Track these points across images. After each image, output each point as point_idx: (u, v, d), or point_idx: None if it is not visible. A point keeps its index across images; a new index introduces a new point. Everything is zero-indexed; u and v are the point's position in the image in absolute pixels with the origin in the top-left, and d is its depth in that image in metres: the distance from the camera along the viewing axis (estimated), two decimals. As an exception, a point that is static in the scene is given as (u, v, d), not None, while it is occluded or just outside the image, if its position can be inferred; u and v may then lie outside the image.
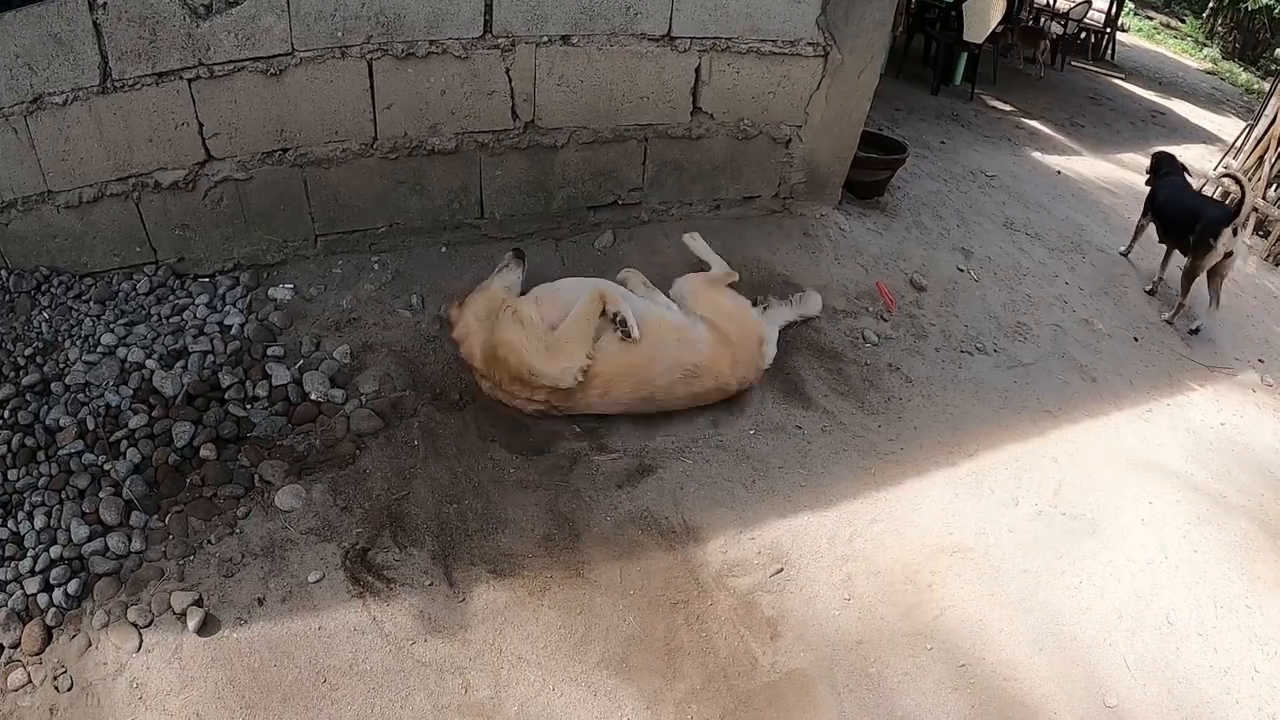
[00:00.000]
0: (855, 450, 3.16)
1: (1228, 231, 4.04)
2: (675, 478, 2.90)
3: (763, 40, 3.71)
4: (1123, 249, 5.06)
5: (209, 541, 2.48)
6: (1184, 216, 4.25)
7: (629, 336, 2.88)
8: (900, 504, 2.97)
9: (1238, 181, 4.13)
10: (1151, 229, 4.74)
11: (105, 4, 2.75)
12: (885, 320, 3.88)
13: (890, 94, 6.75)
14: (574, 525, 2.69)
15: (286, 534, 2.53)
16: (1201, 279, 4.27)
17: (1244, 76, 12.62)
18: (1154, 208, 4.59)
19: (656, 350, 2.94)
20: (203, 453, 2.69)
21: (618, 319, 2.89)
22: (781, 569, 2.65)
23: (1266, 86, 8.27)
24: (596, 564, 2.58)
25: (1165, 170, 4.60)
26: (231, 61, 2.99)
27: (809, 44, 3.80)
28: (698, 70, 3.68)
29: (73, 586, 2.31)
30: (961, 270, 4.43)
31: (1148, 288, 4.71)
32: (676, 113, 3.77)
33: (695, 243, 3.62)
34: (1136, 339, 4.35)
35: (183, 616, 2.27)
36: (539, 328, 2.87)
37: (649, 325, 2.95)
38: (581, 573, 2.55)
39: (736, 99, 3.84)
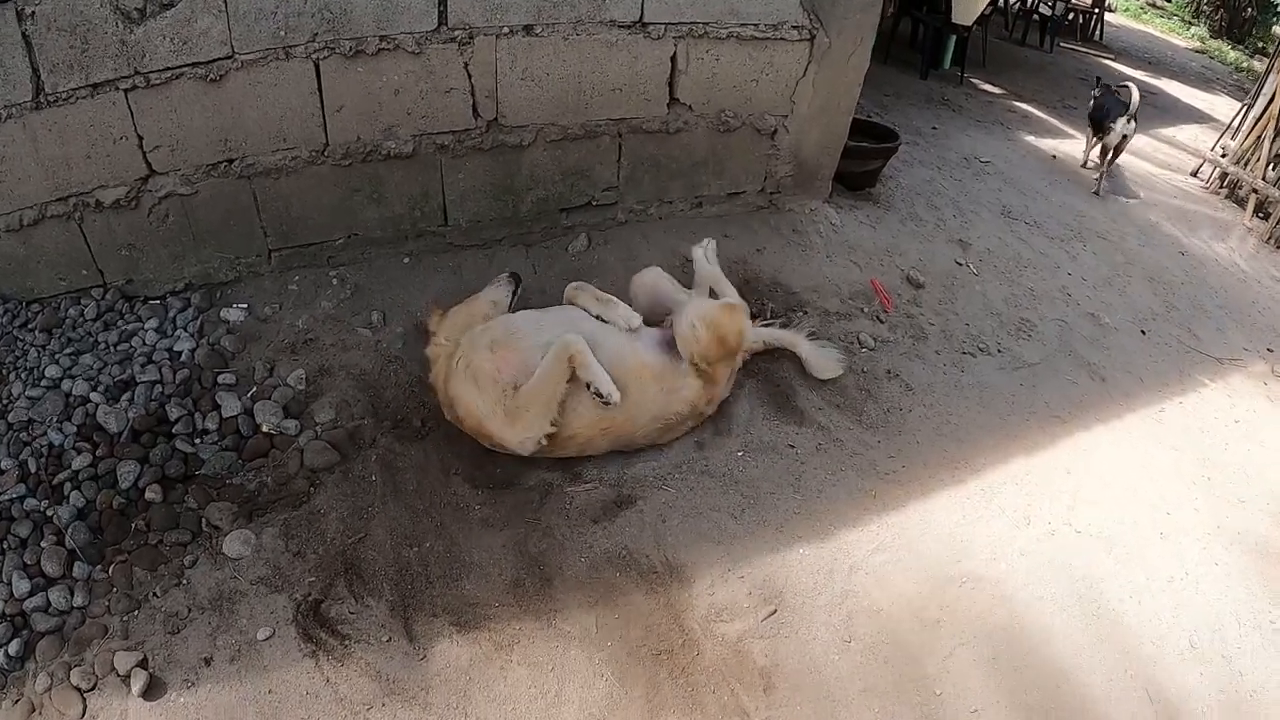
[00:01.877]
0: (853, 470, 2.95)
1: (1122, 119, 5.53)
2: (657, 509, 2.69)
3: (743, 24, 3.49)
4: (1085, 165, 6.17)
5: (154, 594, 2.32)
6: (1101, 114, 5.83)
7: (608, 404, 2.62)
8: (904, 530, 2.77)
9: (1127, 87, 5.67)
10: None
11: (34, 13, 2.56)
12: (882, 321, 3.67)
13: (879, 79, 6.57)
14: (545, 568, 2.49)
15: (235, 584, 2.35)
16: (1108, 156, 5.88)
17: (1233, 54, 12.49)
18: (1089, 116, 6.06)
19: (638, 407, 2.73)
20: (148, 495, 2.53)
21: (591, 388, 2.62)
22: (775, 610, 2.45)
23: (1256, 64, 8.11)
24: (570, 611, 2.38)
25: (1102, 94, 6.03)
26: (169, 68, 2.80)
27: (793, 27, 3.59)
28: (673, 59, 3.47)
29: (14, 647, 2.18)
30: (960, 264, 4.23)
31: (1084, 165, 6.19)
32: (652, 105, 3.56)
33: (707, 269, 3.19)
34: (1144, 332, 4.17)
35: (127, 679, 2.12)
36: (495, 387, 2.61)
37: (629, 378, 2.68)
38: (553, 622, 2.35)
39: (717, 89, 3.63)
